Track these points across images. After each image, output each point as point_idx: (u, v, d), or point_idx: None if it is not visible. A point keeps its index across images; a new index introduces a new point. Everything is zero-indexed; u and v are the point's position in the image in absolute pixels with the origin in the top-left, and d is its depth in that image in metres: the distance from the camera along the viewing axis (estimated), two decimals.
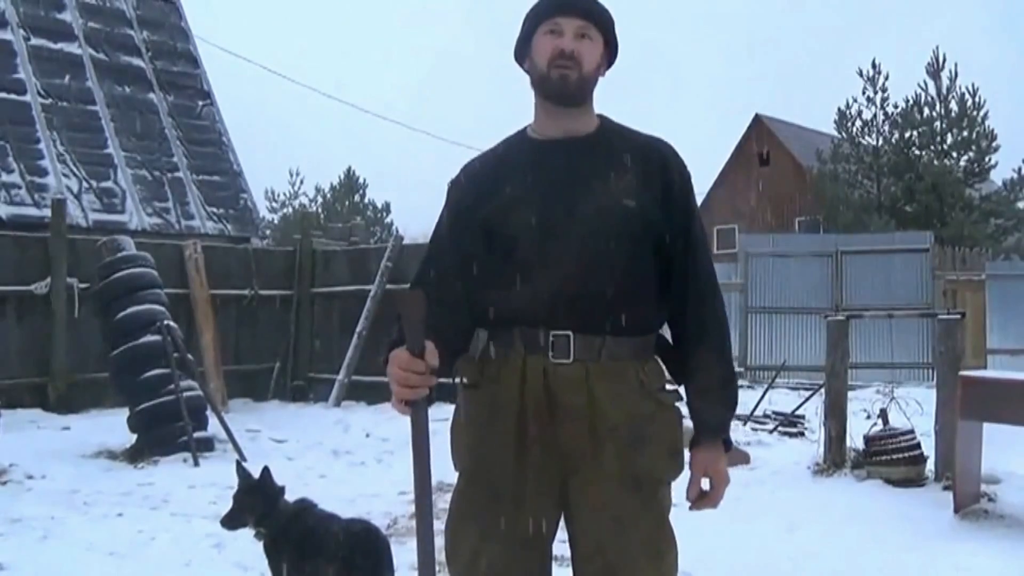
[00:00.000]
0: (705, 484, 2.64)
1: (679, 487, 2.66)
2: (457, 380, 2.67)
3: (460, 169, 2.79)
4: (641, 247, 2.57)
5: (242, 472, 4.49)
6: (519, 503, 2.54)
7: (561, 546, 2.64)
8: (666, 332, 2.72)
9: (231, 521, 4.45)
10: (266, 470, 4.49)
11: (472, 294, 2.62)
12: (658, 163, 2.64)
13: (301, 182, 45.50)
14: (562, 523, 2.64)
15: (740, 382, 15.26)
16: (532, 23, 2.65)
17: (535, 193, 2.58)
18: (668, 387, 2.64)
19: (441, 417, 2.70)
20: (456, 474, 2.73)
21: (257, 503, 4.36)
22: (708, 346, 2.63)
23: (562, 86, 2.58)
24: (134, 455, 8.93)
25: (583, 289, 2.51)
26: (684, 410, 2.67)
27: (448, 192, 2.78)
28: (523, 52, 2.70)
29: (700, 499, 2.64)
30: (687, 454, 2.66)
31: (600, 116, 2.72)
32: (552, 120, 2.65)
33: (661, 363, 2.67)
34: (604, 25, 2.65)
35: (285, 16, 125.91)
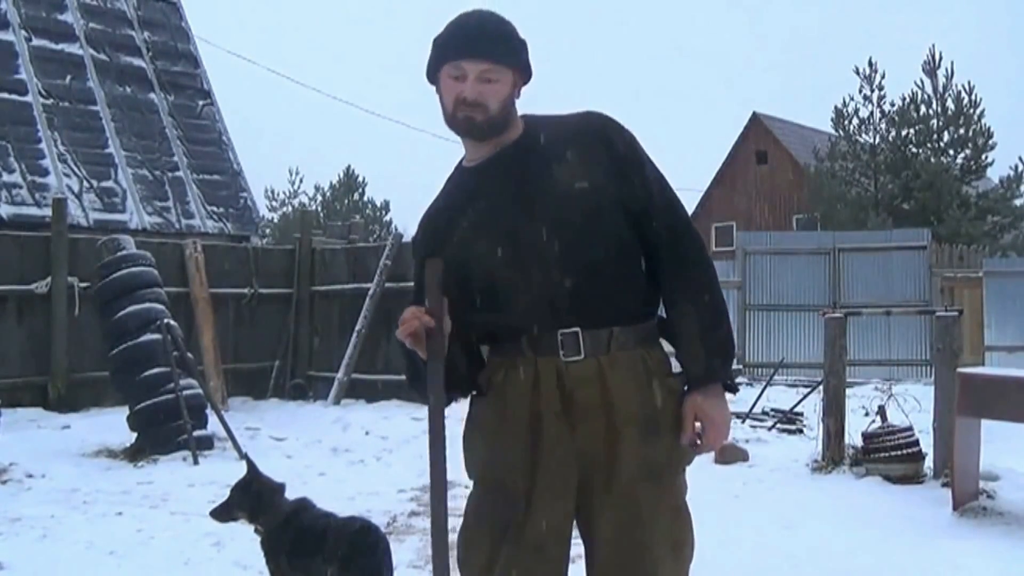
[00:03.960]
0: (700, 429, 2.60)
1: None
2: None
3: (417, 226, 2.83)
4: (609, 223, 2.57)
5: (250, 466, 4.50)
6: (532, 508, 2.54)
7: (574, 546, 2.65)
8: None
9: (218, 514, 4.46)
10: (251, 465, 4.49)
11: (467, 323, 2.63)
12: (593, 134, 2.64)
13: (300, 181, 45.45)
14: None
15: (739, 379, 15.33)
16: (437, 58, 2.64)
17: (490, 215, 2.60)
18: (675, 372, 2.63)
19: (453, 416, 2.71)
20: (471, 482, 2.73)
21: (247, 499, 4.36)
22: (686, 294, 2.61)
23: (468, 128, 2.61)
24: (134, 454, 8.95)
25: (573, 283, 2.52)
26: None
27: (413, 251, 2.83)
28: (432, 79, 2.69)
29: (696, 446, 2.61)
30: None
31: (523, 117, 2.71)
32: (477, 147, 2.68)
33: (666, 347, 2.67)
34: (511, 60, 2.62)
35: (285, 16, 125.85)
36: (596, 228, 2.54)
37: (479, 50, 2.57)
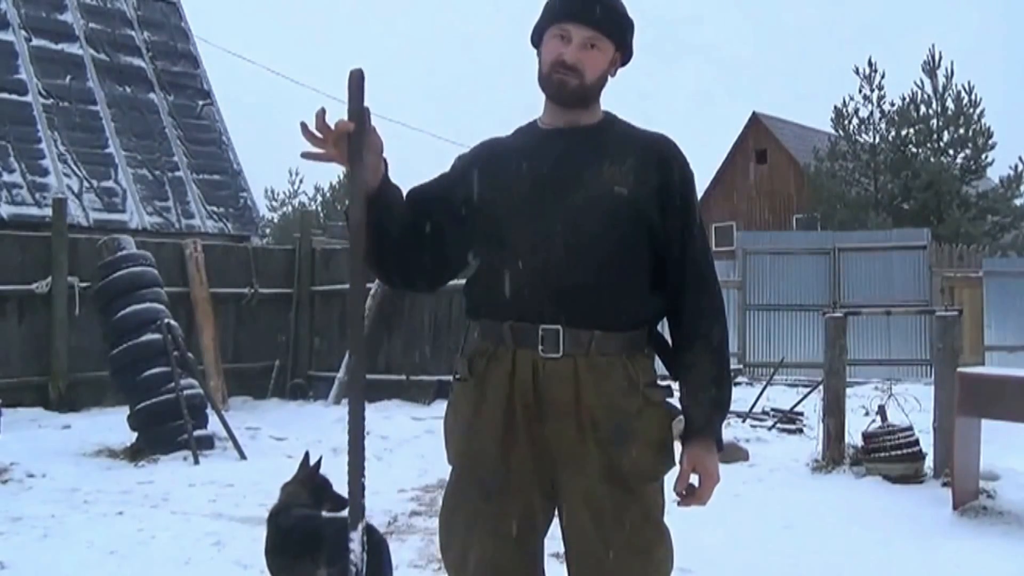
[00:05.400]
0: (694, 480, 2.61)
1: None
2: (452, 376, 2.73)
3: (474, 146, 2.84)
4: (631, 236, 2.58)
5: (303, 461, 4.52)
6: (505, 497, 2.56)
7: (558, 543, 2.66)
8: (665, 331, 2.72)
9: None
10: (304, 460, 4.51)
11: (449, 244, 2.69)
12: (657, 157, 2.64)
13: (300, 181, 45.65)
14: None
15: (739, 379, 15.34)
16: (546, 19, 2.67)
17: (527, 179, 2.62)
18: (659, 383, 2.64)
19: (439, 415, 2.73)
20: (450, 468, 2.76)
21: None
22: (700, 344, 2.62)
23: (559, 92, 2.62)
24: (134, 453, 8.94)
25: (571, 279, 2.52)
26: (679, 404, 2.66)
27: (453, 163, 2.82)
28: (537, 41, 2.71)
29: (688, 496, 2.62)
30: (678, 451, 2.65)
31: (606, 112, 2.74)
32: (555, 113, 2.69)
33: (656, 358, 2.68)
34: (617, 34, 2.65)
35: (284, 15, 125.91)
36: (612, 233, 2.55)
37: (588, 16, 2.59)
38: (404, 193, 2.67)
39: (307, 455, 4.52)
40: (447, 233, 2.65)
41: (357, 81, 2.42)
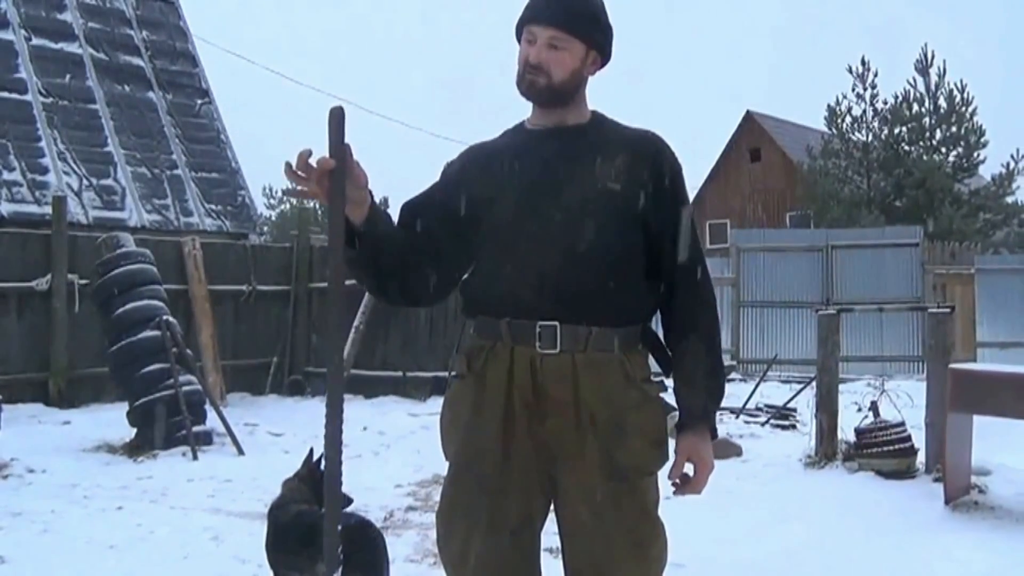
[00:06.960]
0: (689, 469, 2.65)
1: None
2: (449, 373, 2.78)
3: (460, 153, 2.87)
4: (626, 232, 2.61)
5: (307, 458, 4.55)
6: (505, 493, 2.59)
7: (553, 538, 2.71)
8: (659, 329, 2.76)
9: None
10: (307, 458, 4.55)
11: (453, 276, 2.73)
12: (648, 153, 2.68)
13: None
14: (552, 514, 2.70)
15: (732, 375, 15.36)
16: (519, 21, 2.72)
17: (520, 178, 2.65)
18: (653, 378, 2.67)
19: (435, 411, 2.78)
20: (447, 464, 2.78)
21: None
22: (695, 334, 2.66)
23: (530, 92, 2.68)
24: (133, 449, 8.98)
25: (568, 276, 2.56)
26: (672, 401, 2.70)
27: (443, 171, 2.85)
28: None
29: (683, 484, 2.66)
30: (672, 444, 2.67)
31: (594, 111, 2.77)
32: (541, 114, 2.74)
33: (648, 354, 2.70)
34: (582, 33, 2.67)
35: (282, 15, 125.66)
36: (607, 230, 2.59)
37: (550, 17, 2.64)
38: (396, 215, 2.69)
39: (312, 452, 4.56)
40: (445, 243, 2.67)
41: (338, 119, 2.43)
